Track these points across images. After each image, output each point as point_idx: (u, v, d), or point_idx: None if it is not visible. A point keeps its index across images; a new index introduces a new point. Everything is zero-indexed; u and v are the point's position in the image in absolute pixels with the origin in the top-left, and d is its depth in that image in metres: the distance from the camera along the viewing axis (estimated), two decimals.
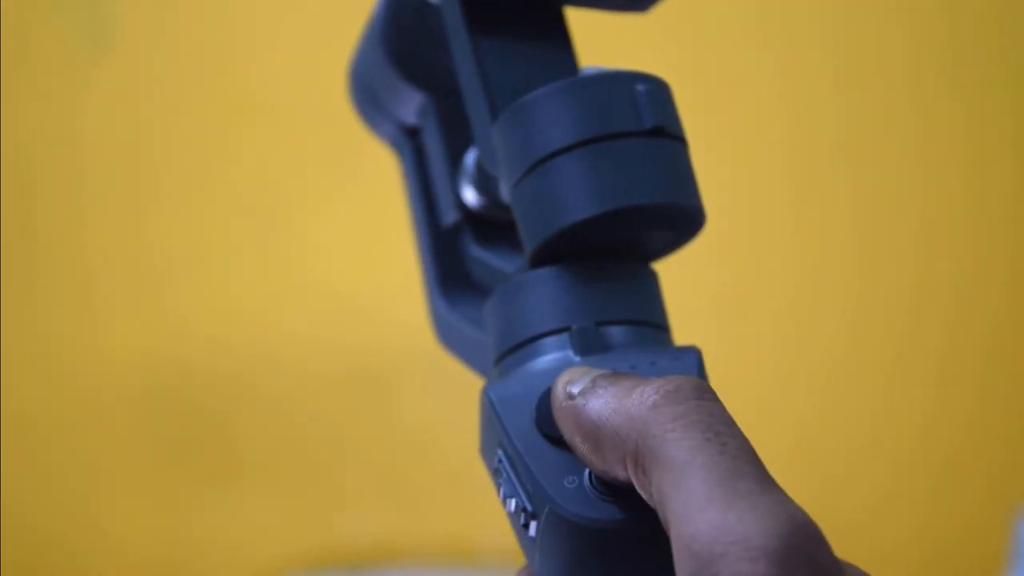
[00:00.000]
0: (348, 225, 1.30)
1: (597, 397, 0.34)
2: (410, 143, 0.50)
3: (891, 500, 1.23)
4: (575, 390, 0.35)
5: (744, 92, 1.27)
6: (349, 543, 1.29)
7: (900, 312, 1.25)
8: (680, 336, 0.41)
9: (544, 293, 0.39)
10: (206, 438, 1.31)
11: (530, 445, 0.35)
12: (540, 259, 0.39)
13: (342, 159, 1.25)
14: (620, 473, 0.33)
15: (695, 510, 0.29)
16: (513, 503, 0.35)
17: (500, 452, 0.36)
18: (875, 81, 1.26)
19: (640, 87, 0.38)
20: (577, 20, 0.47)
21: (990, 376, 1.23)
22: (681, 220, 0.39)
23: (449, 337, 0.46)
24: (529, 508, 0.35)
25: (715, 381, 0.36)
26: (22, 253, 1.32)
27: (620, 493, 0.34)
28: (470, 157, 0.46)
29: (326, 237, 1.31)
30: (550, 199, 0.38)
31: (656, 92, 0.39)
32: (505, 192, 0.40)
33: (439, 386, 1.24)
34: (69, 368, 1.32)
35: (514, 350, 0.39)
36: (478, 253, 0.45)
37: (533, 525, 0.35)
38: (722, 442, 0.31)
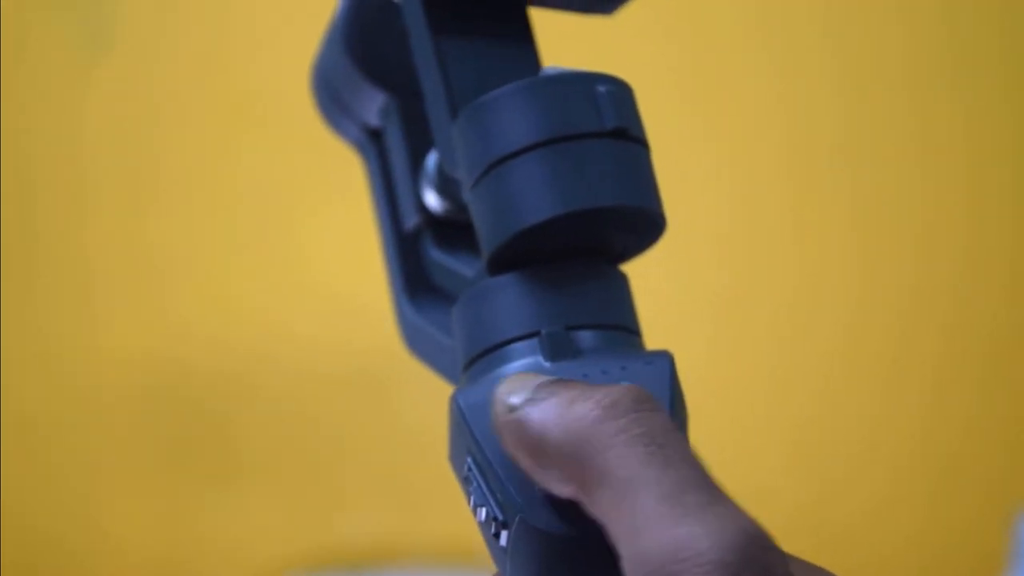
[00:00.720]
0: (348, 225, 1.29)
1: (538, 409, 0.33)
2: (374, 145, 0.48)
3: (890, 503, 1.22)
4: (516, 401, 0.33)
5: (744, 92, 1.27)
6: (349, 543, 1.29)
7: (899, 314, 1.24)
8: (679, 338, 0.41)
9: (513, 297, 0.38)
10: (206, 438, 1.31)
11: (500, 453, 0.35)
12: (497, 263, 0.38)
13: (342, 159, 1.24)
14: (565, 490, 0.32)
15: (643, 529, 0.29)
16: (484, 512, 0.35)
17: (470, 460, 0.36)
18: (875, 82, 1.26)
19: (601, 88, 0.38)
20: (574, 21, 0.46)
21: (989, 378, 1.23)
22: (642, 224, 0.39)
23: (417, 342, 0.46)
24: (500, 517, 0.34)
25: (714, 383, 0.36)
26: (22, 253, 1.32)
27: None
28: (431, 159, 0.45)
29: (326, 237, 1.31)
30: (508, 201, 0.37)
31: (618, 93, 0.38)
32: (464, 194, 0.40)
33: (439, 386, 1.23)
34: (69, 368, 1.32)
35: (483, 355, 0.38)
36: (438, 257, 0.45)
37: (504, 535, 0.34)
38: (665, 455, 0.30)
